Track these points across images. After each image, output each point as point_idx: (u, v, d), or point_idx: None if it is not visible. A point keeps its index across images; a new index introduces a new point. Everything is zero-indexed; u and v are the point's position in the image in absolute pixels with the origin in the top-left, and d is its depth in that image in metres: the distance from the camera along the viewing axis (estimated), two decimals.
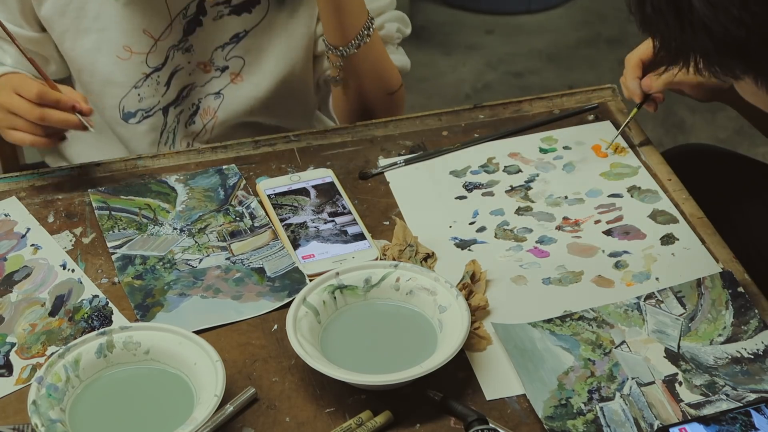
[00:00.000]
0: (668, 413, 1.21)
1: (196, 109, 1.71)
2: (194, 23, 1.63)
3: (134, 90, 1.65)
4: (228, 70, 1.69)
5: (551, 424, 1.20)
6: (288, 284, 1.39)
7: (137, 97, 1.66)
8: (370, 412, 1.23)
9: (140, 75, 1.65)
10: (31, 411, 1.18)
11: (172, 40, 1.63)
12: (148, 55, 1.63)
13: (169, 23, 1.61)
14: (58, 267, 1.42)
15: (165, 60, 1.64)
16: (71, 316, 1.35)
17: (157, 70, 1.65)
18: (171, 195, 1.54)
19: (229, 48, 1.66)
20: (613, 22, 3.73)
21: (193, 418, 1.19)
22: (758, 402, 1.21)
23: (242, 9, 1.64)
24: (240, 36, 1.66)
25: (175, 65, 1.65)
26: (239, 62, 1.68)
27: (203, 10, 1.62)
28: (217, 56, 1.67)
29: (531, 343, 1.29)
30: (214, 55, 1.67)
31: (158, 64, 1.64)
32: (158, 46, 1.63)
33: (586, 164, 1.58)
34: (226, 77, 1.69)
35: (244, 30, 1.66)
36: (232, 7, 1.63)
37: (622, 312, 1.33)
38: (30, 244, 1.46)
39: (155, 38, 1.62)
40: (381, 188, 1.55)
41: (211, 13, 1.63)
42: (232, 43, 1.66)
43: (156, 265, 1.43)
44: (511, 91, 3.36)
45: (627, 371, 1.26)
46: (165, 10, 1.60)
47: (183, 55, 1.65)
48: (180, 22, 1.62)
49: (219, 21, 1.64)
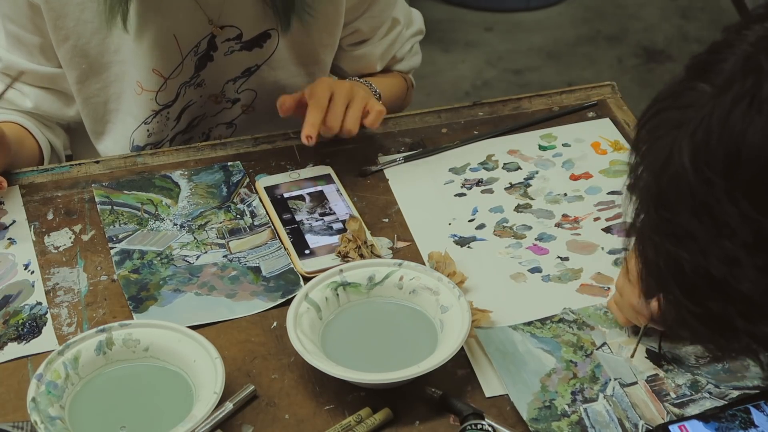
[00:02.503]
0: (652, 413, 1.22)
1: (206, 138, 1.69)
2: (205, 59, 1.60)
3: (144, 125, 1.63)
4: (239, 102, 1.67)
5: (536, 426, 1.20)
6: (282, 285, 1.39)
7: (146, 132, 1.64)
8: (369, 409, 1.23)
9: (150, 112, 1.62)
10: (31, 408, 1.18)
11: (183, 78, 1.60)
12: (157, 93, 1.60)
13: (181, 62, 1.58)
14: (21, 266, 1.42)
15: (176, 97, 1.62)
16: (7, 319, 1.35)
17: (167, 107, 1.62)
18: (174, 190, 1.54)
19: (241, 81, 1.64)
20: (613, 19, 3.73)
21: (193, 415, 1.19)
22: (757, 399, 1.21)
23: (253, 44, 1.61)
24: (252, 70, 1.63)
25: (186, 101, 1.63)
26: (251, 95, 1.66)
27: (214, 46, 1.59)
28: (228, 89, 1.64)
29: (512, 346, 1.29)
30: (225, 87, 1.64)
31: (168, 101, 1.61)
32: (168, 85, 1.59)
33: (586, 161, 1.58)
34: (237, 109, 1.67)
35: (256, 65, 1.63)
36: (243, 43, 1.60)
37: (602, 314, 1.33)
38: (8, 237, 1.47)
39: (165, 77, 1.58)
40: (380, 186, 1.55)
41: (222, 48, 1.59)
42: (243, 77, 1.64)
43: (153, 260, 1.43)
44: (510, 88, 3.36)
45: (609, 372, 1.26)
46: (176, 50, 1.57)
47: (195, 90, 1.62)
48: (191, 59, 1.59)
49: (230, 56, 1.61)
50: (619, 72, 3.45)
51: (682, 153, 0.91)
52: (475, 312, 1.31)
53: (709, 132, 0.90)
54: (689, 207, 0.92)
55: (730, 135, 0.89)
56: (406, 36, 1.76)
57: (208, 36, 1.57)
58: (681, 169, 0.91)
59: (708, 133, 0.90)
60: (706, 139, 0.90)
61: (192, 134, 1.68)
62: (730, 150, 0.89)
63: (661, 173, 0.93)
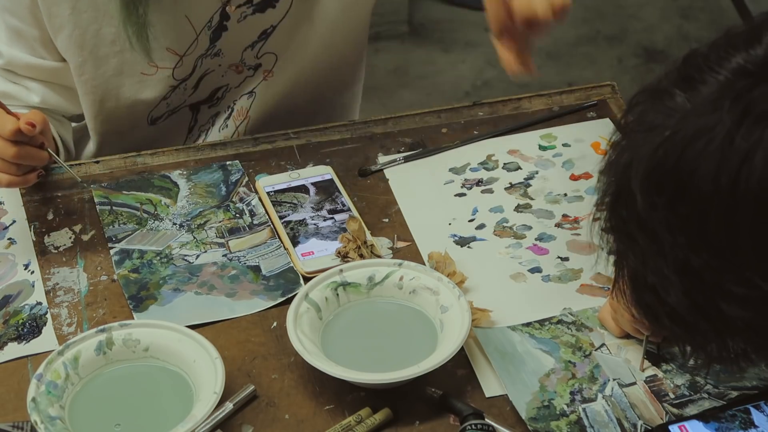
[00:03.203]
0: (651, 413, 1.22)
1: (231, 111, 1.68)
2: (219, 29, 1.57)
3: (164, 101, 1.62)
4: (261, 67, 1.64)
5: (535, 425, 1.20)
6: (282, 284, 1.39)
7: (166, 107, 1.63)
8: (369, 409, 1.23)
9: (168, 88, 1.60)
10: (31, 408, 1.18)
11: (199, 51, 1.58)
12: (174, 69, 1.58)
13: (195, 38, 1.56)
14: (21, 266, 1.42)
15: (193, 69, 1.60)
16: (7, 319, 1.35)
17: (184, 81, 1.61)
18: (173, 190, 1.54)
19: (259, 46, 1.61)
20: (613, 19, 3.73)
21: (193, 415, 1.19)
22: (756, 399, 1.21)
23: (266, 5, 1.57)
24: (268, 32, 1.60)
25: (204, 70, 1.61)
26: (272, 58, 1.63)
27: (227, 16, 1.56)
28: (247, 56, 1.62)
29: (511, 347, 1.29)
30: (244, 55, 1.62)
31: (185, 75, 1.60)
32: (184, 61, 1.58)
33: (586, 161, 1.58)
34: (259, 75, 1.65)
35: (272, 26, 1.59)
36: (254, 5, 1.57)
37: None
38: (8, 237, 1.46)
39: (180, 54, 1.57)
40: (380, 185, 1.55)
41: (235, 15, 1.57)
42: (261, 41, 1.61)
43: (153, 259, 1.43)
44: (510, 88, 3.35)
45: (608, 372, 1.26)
46: (189, 28, 1.55)
47: (212, 60, 1.60)
48: (206, 34, 1.57)
49: (244, 22, 1.58)
50: (619, 72, 3.45)
51: (639, 168, 0.95)
52: (475, 312, 1.31)
53: (668, 155, 0.92)
54: (636, 217, 0.96)
55: (683, 165, 0.92)
56: None
57: (219, 9, 1.55)
58: (634, 181, 0.95)
59: (666, 155, 0.92)
60: (663, 161, 0.93)
61: (219, 108, 1.67)
62: (679, 180, 0.92)
63: (622, 174, 0.97)
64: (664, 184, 0.93)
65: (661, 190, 0.93)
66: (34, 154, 1.40)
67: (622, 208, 0.98)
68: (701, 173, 0.91)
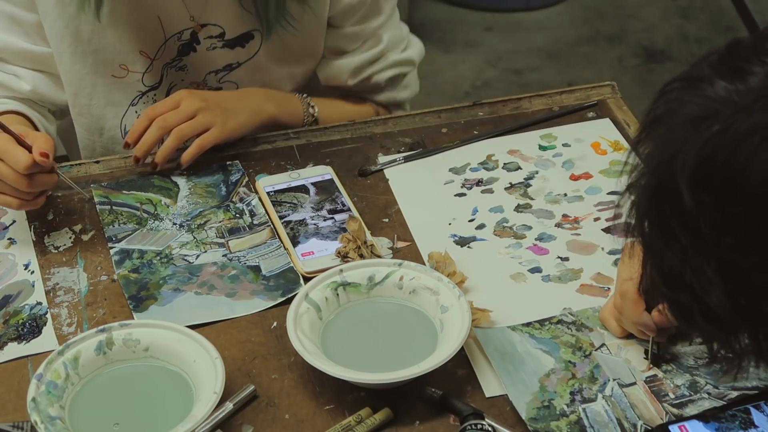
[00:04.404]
0: (651, 413, 1.22)
1: None
2: (188, 47, 1.61)
3: (131, 108, 1.65)
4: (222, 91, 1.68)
5: (535, 425, 1.20)
6: (282, 284, 1.39)
7: (135, 115, 1.65)
8: (369, 409, 1.23)
9: (136, 93, 1.64)
10: (31, 408, 1.18)
11: (166, 58, 1.62)
12: (144, 74, 1.62)
13: (164, 42, 1.59)
14: (21, 266, 1.43)
15: (161, 79, 1.63)
16: (7, 319, 1.35)
17: (153, 89, 1.64)
18: (173, 190, 1.54)
19: (223, 74, 1.65)
20: (613, 19, 3.73)
21: (193, 415, 1.19)
22: (756, 399, 1.21)
23: (235, 43, 1.62)
24: (233, 66, 1.65)
25: (170, 82, 1.64)
26: (232, 86, 1.67)
27: (197, 40, 1.60)
28: (210, 79, 1.66)
29: (511, 347, 1.29)
30: (207, 77, 1.66)
31: (154, 83, 1.63)
32: (154, 66, 1.61)
33: (586, 161, 1.58)
34: None
35: (237, 62, 1.64)
36: (225, 41, 1.61)
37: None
38: (8, 237, 1.47)
39: (151, 58, 1.60)
40: (380, 185, 1.55)
41: (205, 43, 1.61)
42: (225, 71, 1.65)
43: (153, 259, 1.43)
44: (510, 88, 3.36)
45: (608, 373, 1.26)
46: (160, 30, 1.58)
47: (177, 72, 1.64)
48: (174, 42, 1.60)
49: (212, 51, 1.62)
50: (619, 72, 3.45)
51: (686, 163, 0.90)
52: (475, 312, 1.31)
53: (717, 151, 0.88)
54: (679, 214, 0.91)
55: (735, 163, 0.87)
56: (389, 59, 1.70)
57: (191, 28, 1.59)
58: (681, 177, 0.90)
59: (716, 151, 0.88)
60: (712, 157, 0.88)
61: None
62: (729, 179, 0.88)
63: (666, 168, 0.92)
64: (712, 182, 0.89)
65: (709, 188, 0.89)
66: (46, 180, 1.42)
67: (663, 203, 0.93)
68: (753, 172, 0.86)
